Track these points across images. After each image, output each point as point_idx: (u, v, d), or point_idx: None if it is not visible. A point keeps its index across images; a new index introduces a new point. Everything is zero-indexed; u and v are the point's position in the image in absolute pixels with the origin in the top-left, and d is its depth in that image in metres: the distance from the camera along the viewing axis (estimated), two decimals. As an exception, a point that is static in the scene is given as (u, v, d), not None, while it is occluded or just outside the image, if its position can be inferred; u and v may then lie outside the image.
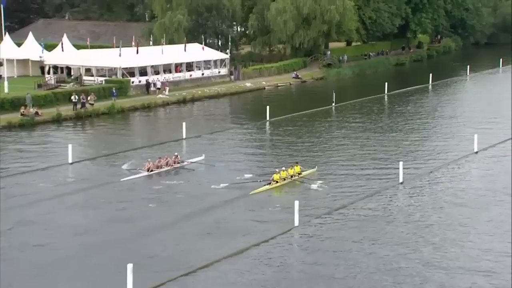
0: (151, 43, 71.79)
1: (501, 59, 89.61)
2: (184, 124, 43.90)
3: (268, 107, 50.62)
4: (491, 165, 36.80)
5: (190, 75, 67.06)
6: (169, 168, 34.82)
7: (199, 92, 62.79)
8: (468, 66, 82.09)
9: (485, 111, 53.92)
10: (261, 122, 49.91)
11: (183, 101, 59.49)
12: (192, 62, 67.82)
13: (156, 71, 64.05)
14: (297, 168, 33.41)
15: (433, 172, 35.21)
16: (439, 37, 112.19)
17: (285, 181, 32.36)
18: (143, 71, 62.74)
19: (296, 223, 26.72)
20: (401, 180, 32.90)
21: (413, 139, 43.66)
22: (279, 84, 71.09)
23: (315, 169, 34.74)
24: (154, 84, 60.79)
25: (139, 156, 37.89)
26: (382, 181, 33.27)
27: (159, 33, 73.51)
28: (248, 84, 68.67)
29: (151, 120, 53.43)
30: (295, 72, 75.95)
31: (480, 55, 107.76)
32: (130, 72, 61.81)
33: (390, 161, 37.22)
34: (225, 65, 70.97)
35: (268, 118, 50.27)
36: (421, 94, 65.76)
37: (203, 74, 68.52)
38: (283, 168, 32.89)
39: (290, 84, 72.58)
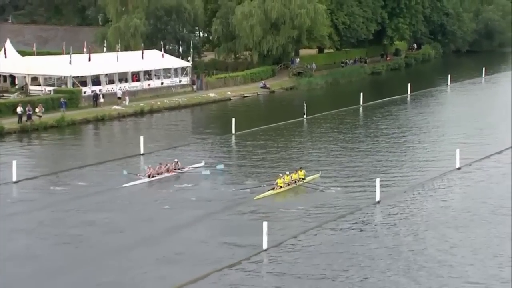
0: (104, 49, 71.47)
1: (483, 68, 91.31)
2: (142, 138, 43.78)
3: (233, 119, 50.82)
4: (475, 182, 37.42)
5: (148, 85, 66.93)
6: (169, 174, 37.31)
7: (158, 103, 62.69)
8: (449, 76, 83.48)
9: (468, 124, 54.88)
10: (226, 136, 50.05)
11: (140, 113, 59.32)
12: (151, 70, 67.73)
13: (110, 80, 63.78)
14: (301, 173, 35.91)
15: (413, 189, 35.68)
16: (414, 45, 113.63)
17: (289, 186, 34.89)
18: (96, 80, 62.41)
19: (265, 246, 26.83)
20: (378, 198, 33.25)
21: (391, 154, 44.21)
22: (245, 95, 71.39)
23: (318, 175, 37.39)
24: (103, 95, 60.28)
25: (92, 173, 37.71)
26: (357, 200, 33.60)
27: (113, 38, 73.27)
28: (212, 95, 68.85)
29: (105, 133, 53.12)
30: (263, 82, 76.41)
31: (462, 64, 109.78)
32: (82, 81, 61.38)
33: (366, 178, 37.62)
34: (186, 74, 71.04)
35: (233, 132, 50.44)
36: (398, 105, 66.68)
37: (162, 83, 68.45)
38: (287, 173, 35.53)
39: (258, 94, 72.95)
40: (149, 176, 36.51)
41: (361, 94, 65.62)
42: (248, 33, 77.51)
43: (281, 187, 34.49)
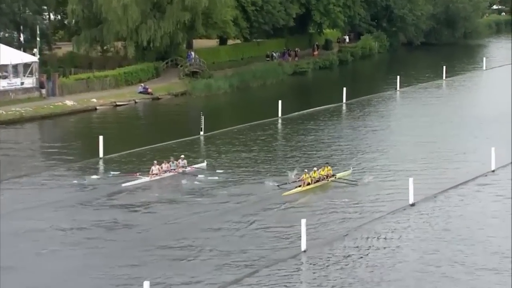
0: None
1: (444, 67, 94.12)
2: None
3: (101, 138, 50.77)
4: (432, 220, 38.60)
5: (-25, 88, 65.89)
6: (171, 174, 46.45)
7: (-10, 114, 61.95)
8: (398, 77, 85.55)
9: (424, 146, 56.07)
10: (91, 161, 49.99)
11: (-38, 129, 58.48)
12: (-22, 67, 66.73)
13: None
14: (328, 170, 45.02)
15: (350, 234, 36.46)
16: (346, 37, 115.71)
17: (319, 183, 44.21)
18: None
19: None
20: (304, 247, 33.95)
21: (307, 193, 44.49)
22: (118, 103, 71.32)
23: (350, 171, 46.56)
24: None
25: None
26: (279, 249, 34.24)
27: None
28: (70, 103, 68.40)
29: None
30: (142, 85, 76.42)
31: (415, 61, 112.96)
32: None
33: (288, 220, 38.20)
34: (31, 73, 70.25)
35: (101, 155, 50.47)
36: (330, 117, 67.85)
37: (-4, 86, 67.59)
38: (314, 169, 44.60)
39: (136, 102, 73.05)
40: (152, 175, 45.34)
41: (280, 102, 66.60)
42: (120, 16, 77.35)
43: (309, 183, 43.44)
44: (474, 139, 58.38)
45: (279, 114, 66.35)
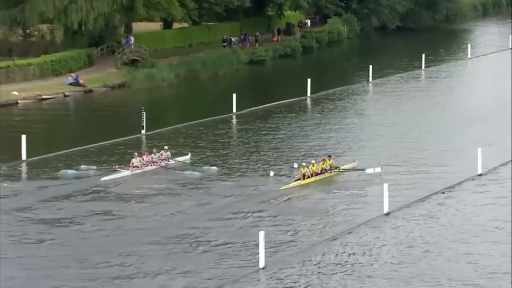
0: None
1: (423, 55, 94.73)
2: None
3: (24, 137, 50.70)
4: (408, 232, 38.83)
5: None
6: (153, 167, 49.45)
7: None
8: (370, 67, 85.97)
9: (399, 148, 56.33)
10: (12, 164, 49.86)
11: None
12: None
13: None
14: (330, 162, 48.13)
15: (312, 249, 36.61)
16: (308, 21, 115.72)
17: (319, 176, 47.22)
18: None
19: None
20: (262, 264, 34.08)
21: (284, 195, 45.14)
22: (44, 96, 71.08)
23: (356, 163, 49.78)
24: None
25: None
26: (237, 267, 34.37)
27: None
28: (-14, 96, 68.10)
29: None
30: (72, 75, 76.06)
31: (390, 48, 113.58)
32: None
33: (244, 231, 38.49)
34: None
35: (24, 158, 50.44)
36: (293, 114, 68.02)
37: None
38: (313, 162, 47.78)
39: (65, 95, 72.83)
40: (131, 168, 48.36)
41: (234, 96, 66.70)
42: (47, -6, 77.14)
43: (309, 177, 46.49)
44: (458, 139, 58.88)
45: (234, 110, 66.54)
